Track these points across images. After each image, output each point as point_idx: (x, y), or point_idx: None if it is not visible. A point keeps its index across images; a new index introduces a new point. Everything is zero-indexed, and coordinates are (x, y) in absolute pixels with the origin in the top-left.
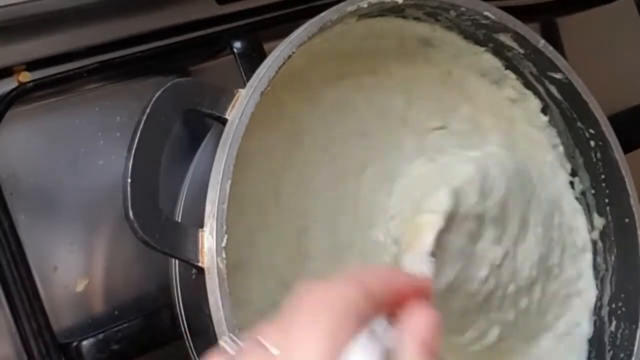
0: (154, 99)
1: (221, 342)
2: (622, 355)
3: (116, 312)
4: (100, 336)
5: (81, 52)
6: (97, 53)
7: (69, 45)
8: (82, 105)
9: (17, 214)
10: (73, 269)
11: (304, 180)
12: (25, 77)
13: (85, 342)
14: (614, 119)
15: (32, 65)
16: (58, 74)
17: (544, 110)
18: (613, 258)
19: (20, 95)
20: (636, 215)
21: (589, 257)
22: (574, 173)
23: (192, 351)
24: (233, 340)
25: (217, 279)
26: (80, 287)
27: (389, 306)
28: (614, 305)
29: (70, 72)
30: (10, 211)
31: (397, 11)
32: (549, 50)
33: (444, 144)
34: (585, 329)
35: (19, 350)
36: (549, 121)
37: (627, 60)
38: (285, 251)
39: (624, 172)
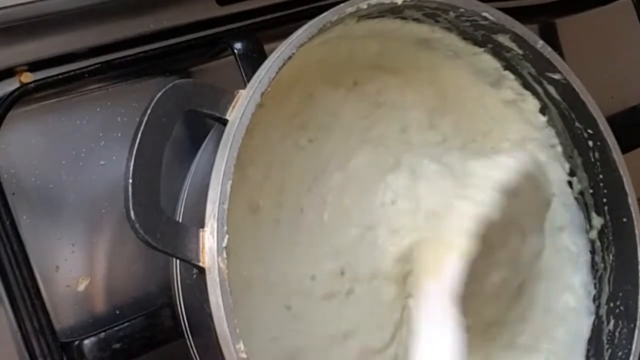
0: (154, 99)
1: None
2: (620, 353)
3: (117, 312)
4: (102, 335)
5: (83, 53)
6: (98, 54)
7: (70, 46)
8: (83, 105)
9: (19, 214)
10: (74, 269)
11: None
12: (27, 77)
13: (86, 341)
14: (612, 120)
15: (34, 65)
16: (60, 74)
17: (543, 111)
18: (611, 257)
19: (22, 95)
20: (634, 215)
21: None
22: (572, 173)
23: (193, 350)
24: None
25: (217, 279)
26: (81, 287)
27: None
28: (612, 304)
29: (72, 72)
30: (12, 211)
31: (396, 12)
32: (548, 51)
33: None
34: (584, 327)
35: (21, 349)
36: (548, 121)
37: (625, 61)
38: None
39: (622, 172)
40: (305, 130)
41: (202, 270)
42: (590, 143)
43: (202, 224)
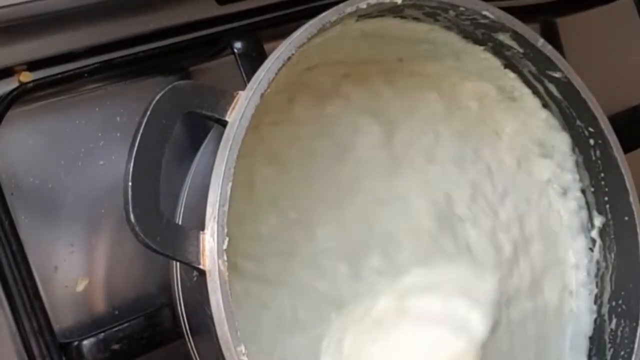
0: (153, 101)
1: None
2: (622, 352)
3: (116, 312)
4: (101, 336)
5: (82, 52)
6: (98, 53)
7: (70, 46)
8: (82, 105)
9: (18, 213)
10: (73, 269)
11: None
12: (26, 77)
13: (85, 342)
14: (613, 120)
15: (33, 65)
16: (59, 74)
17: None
18: (613, 256)
19: (21, 95)
20: (636, 213)
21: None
22: None
23: (193, 351)
24: None
25: (218, 281)
26: (80, 287)
27: None
28: (614, 303)
29: (71, 72)
30: (11, 211)
31: (396, 12)
32: (548, 49)
33: None
34: (586, 326)
35: (19, 349)
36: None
37: (626, 60)
38: None
39: (623, 170)
40: None
41: (202, 273)
42: (592, 141)
43: (202, 226)
